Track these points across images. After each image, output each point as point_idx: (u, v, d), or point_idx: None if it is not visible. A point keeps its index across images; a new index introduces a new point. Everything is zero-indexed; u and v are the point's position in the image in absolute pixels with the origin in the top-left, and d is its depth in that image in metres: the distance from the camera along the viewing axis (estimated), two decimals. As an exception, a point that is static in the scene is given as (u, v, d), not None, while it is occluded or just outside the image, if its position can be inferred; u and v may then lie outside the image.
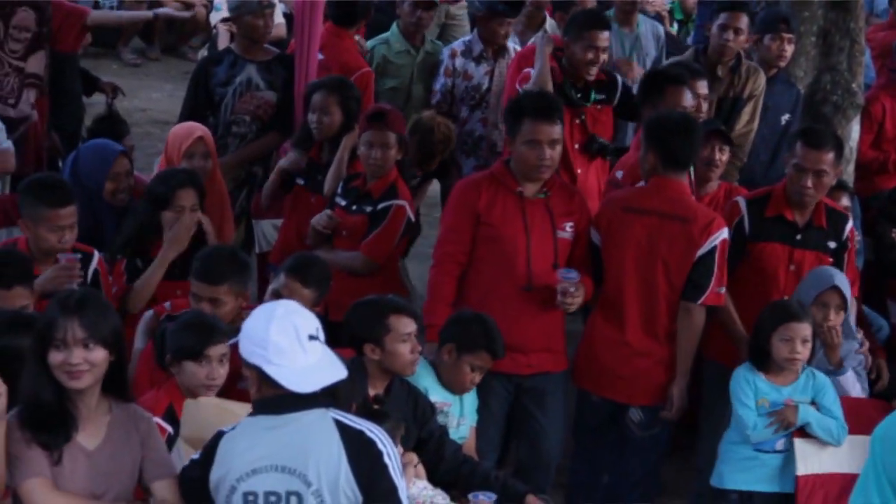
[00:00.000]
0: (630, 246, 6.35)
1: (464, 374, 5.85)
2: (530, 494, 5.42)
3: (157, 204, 6.42)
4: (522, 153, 6.26)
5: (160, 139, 11.34)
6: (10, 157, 7.26)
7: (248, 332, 4.09)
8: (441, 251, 6.35)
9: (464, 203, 6.33)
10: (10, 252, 5.85)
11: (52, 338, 4.08)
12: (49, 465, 4.09)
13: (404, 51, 8.80)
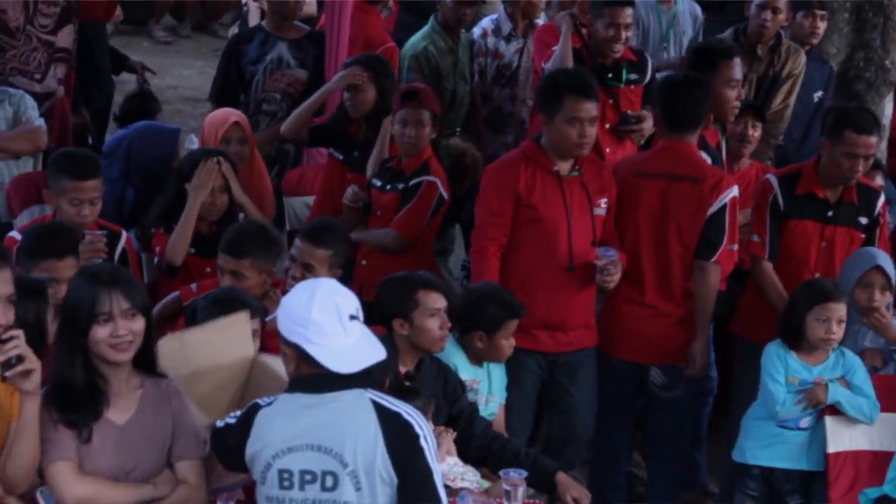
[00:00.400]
0: (642, 210, 6.46)
1: (501, 348, 5.87)
2: (560, 472, 5.41)
3: (184, 180, 6.44)
4: (563, 131, 6.24)
5: (191, 116, 11.39)
6: (42, 135, 7.28)
7: (288, 311, 4.04)
8: (483, 237, 6.31)
9: (503, 185, 6.29)
10: (58, 223, 5.88)
11: (96, 313, 4.06)
12: (76, 446, 4.09)
13: (447, 49, 8.39)
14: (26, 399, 3.92)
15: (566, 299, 6.32)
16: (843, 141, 6.38)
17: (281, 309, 4.07)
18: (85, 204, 5.99)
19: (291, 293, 4.10)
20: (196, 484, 4.29)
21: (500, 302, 5.89)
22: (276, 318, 4.10)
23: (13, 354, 3.85)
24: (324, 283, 4.13)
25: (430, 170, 6.89)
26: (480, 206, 6.39)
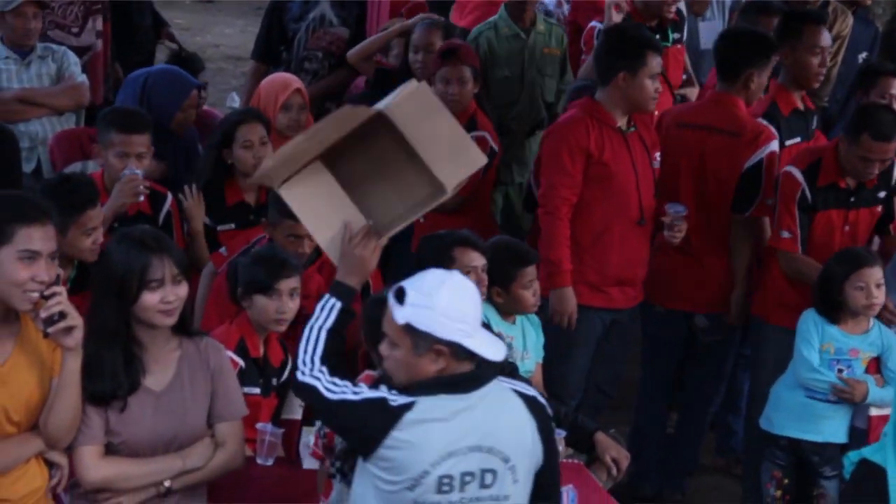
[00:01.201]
0: (684, 161, 6.57)
1: (521, 298, 5.84)
2: (600, 432, 5.41)
3: (221, 146, 6.43)
4: (645, 87, 6.30)
5: (233, 75, 11.42)
6: (84, 91, 7.29)
7: (443, 310, 3.78)
8: (555, 196, 6.31)
9: (574, 145, 6.30)
10: (74, 175, 5.89)
11: (148, 280, 4.05)
12: (103, 426, 4.08)
13: (513, 35, 8.03)
14: (68, 355, 3.93)
15: (637, 254, 6.46)
16: (860, 145, 6.24)
17: (429, 311, 3.79)
18: (132, 158, 5.99)
19: (434, 291, 3.80)
20: (235, 447, 4.29)
21: (508, 252, 5.84)
22: (420, 321, 3.79)
23: (55, 311, 3.86)
24: (452, 274, 3.95)
25: (478, 124, 6.88)
26: (550, 167, 6.37)
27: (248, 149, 6.34)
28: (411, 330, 3.79)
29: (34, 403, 3.98)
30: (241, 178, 6.40)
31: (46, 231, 3.90)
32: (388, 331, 3.85)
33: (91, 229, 5.41)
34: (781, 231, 6.33)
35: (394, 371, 3.87)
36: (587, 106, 6.41)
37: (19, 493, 4.01)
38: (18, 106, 7.09)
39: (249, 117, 6.44)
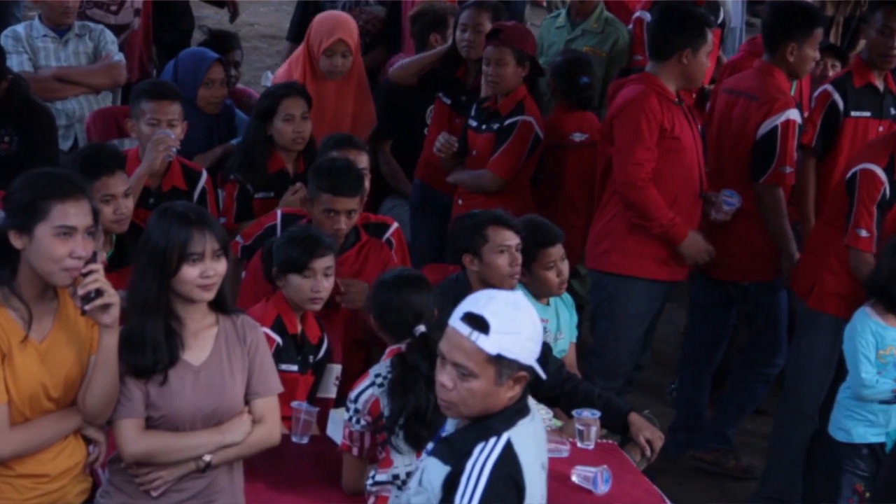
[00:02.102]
0: (713, 123, 6.76)
1: (545, 279, 5.83)
2: (633, 412, 5.40)
3: (264, 117, 6.45)
4: (703, 63, 6.44)
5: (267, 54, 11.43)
6: (121, 70, 7.31)
7: (529, 334, 3.57)
8: (641, 170, 6.33)
9: (652, 118, 6.36)
10: (99, 144, 5.90)
11: (188, 253, 4.06)
12: (143, 399, 4.09)
13: (562, 26, 8.08)
14: (105, 332, 3.95)
15: (694, 225, 6.54)
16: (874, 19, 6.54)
17: (516, 337, 3.55)
18: (163, 125, 6.01)
19: (512, 316, 3.57)
20: (272, 422, 4.29)
21: (531, 231, 5.81)
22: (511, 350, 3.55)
23: (92, 288, 3.87)
24: (518, 294, 3.74)
25: (525, 109, 6.85)
26: (632, 141, 6.37)
27: (289, 122, 6.39)
28: (499, 359, 3.55)
29: (72, 380, 4.00)
30: (281, 150, 6.43)
31: (82, 206, 3.91)
32: (464, 361, 3.54)
33: (109, 196, 5.39)
34: (859, 229, 6.12)
35: (464, 402, 3.57)
36: (649, 80, 6.45)
37: (58, 468, 4.04)
38: (56, 84, 7.12)
39: (293, 92, 6.47)
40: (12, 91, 6.39)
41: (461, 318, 3.55)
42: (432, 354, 4.40)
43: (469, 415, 3.59)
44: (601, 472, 4.96)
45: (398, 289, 4.79)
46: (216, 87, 6.87)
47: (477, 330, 3.52)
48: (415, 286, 4.81)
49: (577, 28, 7.92)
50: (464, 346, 3.53)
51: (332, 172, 5.74)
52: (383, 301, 4.82)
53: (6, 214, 3.92)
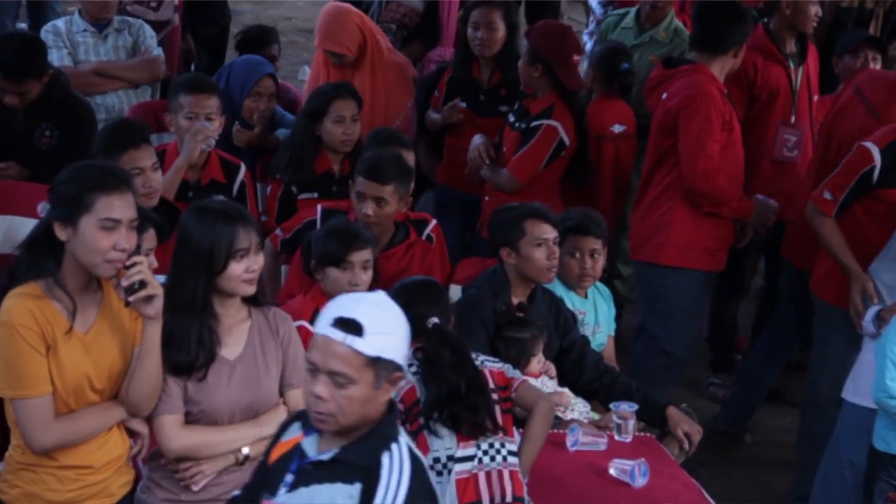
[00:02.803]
0: (832, 112, 6.78)
1: (568, 266, 5.83)
2: (671, 406, 5.41)
3: (314, 117, 6.45)
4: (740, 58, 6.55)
5: (305, 48, 11.45)
6: (160, 64, 7.34)
7: (403, 333, 3.49)
8: (713, 162, 6.37)
9: (717, 111, 6.39)
10: (125, 119, 5.93)
11: (235, 250, 4.08)
12: (182, 395, 4.12)
13: (628, 29, 7.79)
14: (148, 324, 3.97)
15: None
16: None
17: (393, 337, 3.44)
18: (200, 118, 6.04)
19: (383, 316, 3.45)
20: None
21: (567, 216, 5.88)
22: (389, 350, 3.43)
23: (136, 280, 3.89)
24: (380, 294, 3.58)
25: (554, 113, 6.75)
26: (703, 134, 6.38)
27: (340, 123, 6.39)
28: (377, 362, 3.39)
29: (116, 371, 4.03)
30: (329, 150, 6.44)
31: (126, 199, 3.93)
32: (341, 367, 3.36)
33: (138, 169, 5.38)
34: (827, 191, 6.06)
35: (343, 411, 3.39)
36: (705, 73, 6.45)
37: (101, 460, 4.06)
38: (95, 79, 7.15)
39: (344, 93, 6.48)
40: (53, 86, 6.42)
41: (332, 325, 3.37)
42: (450, 342, 4.59)
43: (347, 424, 3.41)
44: (639, 465, 4.96)
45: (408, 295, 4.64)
46: (263, 100, 6.85)
47: (351, 333, 3.35)
48: (424, 291, 4.80)
49: (645, 34, 7.68)
50: (339, 353, 3.35)
51: (371, 158, 5.77)
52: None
53: (52, 206, 3.95)
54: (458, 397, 4.54)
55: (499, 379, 4.70)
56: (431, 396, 4.55)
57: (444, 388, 4.54)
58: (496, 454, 4.58)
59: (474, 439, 4.57)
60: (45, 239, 3.94)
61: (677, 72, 6.55)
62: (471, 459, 4.55)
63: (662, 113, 6.54)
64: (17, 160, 6.39)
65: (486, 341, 5.27)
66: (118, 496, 4.16)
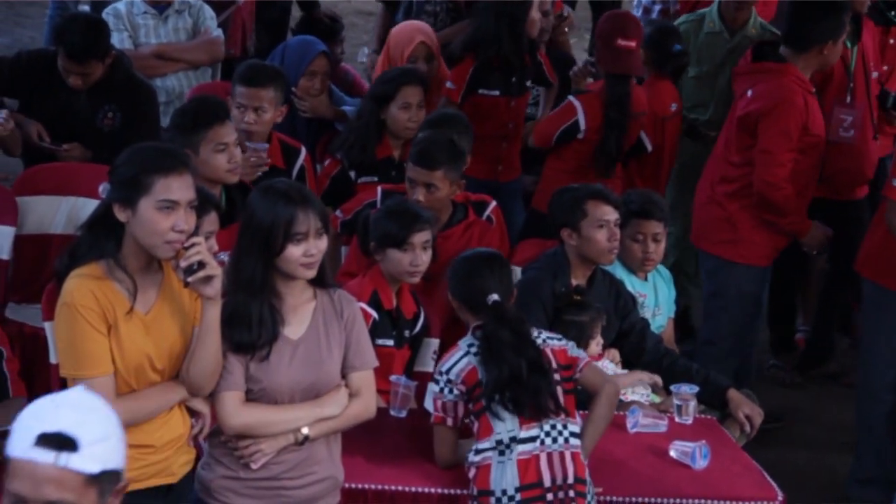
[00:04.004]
0: None
1: (630, 250, 5.81)
2: (732, 388, 5.38)
3: (380, 102, 6.45)
4: (839, 50, 6.53)
5: (364, 30, 11.46)
6: (220, 46, 7.36)
7: (112, 433, 2.82)
8: (783, 172, 6.40)
9: (799, 119, 6.40)
10: (204, 95, 5.97)
11: (293, 233, 4.07)
12: (243, 373, 4.12)
13: (715, 32, 7.55)
14: (207, 304, 3.97)
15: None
16: None
17: (113, 441, 2.81)
18: (248, 110, 6.03)
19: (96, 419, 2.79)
20: (369, 396, 4.30)
21: (631, 199, 5.86)
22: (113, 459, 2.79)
23: (195, 260, 3.89)
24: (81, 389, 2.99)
25: (583, 95, 6.83)
26: (779, 142, 6.40)
27: (406, 110, 6.40)
28: (101, 476, 2.74)
29: (177, 352, 4.05)
30: (391, 136, 6.44)
31: (184, 180, 3.94)
32: (59, 494, 2.67)
33: (223, 145, 5.43)
34: (893, 179, 6.04)
35: None
36: (792, 74, 6.43)
37: (163, 439, 4.08)
38: (156, 61, 7.18)
39: (413, 79, 6.48)
40: (115, 67, 6.46)
41: (34, 444, 2.68)
42: (510, 321, 4.61)
43: None
44: (700, 447, 4.94)
45: (470, 266, 4.82)
46: (318, 79, 6.86)
47: (64, 450, 2.68)
48: (486, 264, 4.83)
49: (738, 35, 7.50)
50: (52, 477, 2.67)
51: (421, 143, 5.78)
52: (457, 279, 4.86)
53: (111, 188, 3.97)
54: (518, 380, 4.54)
55: (561, 357, 4.69)
56: (492, 379, 4.55)
57: (505, 370, 4.54)
58: (558, 436, 4.58)
59: (536, 421, 4.56)
60: (105, 220, 3.96)
61: (765, 69, 6.52)
62: (533, 440, 4.55)
63: (744, 111, 6.53)
64: (80, 142, 6.44)
65: (546, 323, 5.25)
66: (179, 475, 4.18)
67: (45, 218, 6.11)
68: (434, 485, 4.71)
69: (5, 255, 5.96)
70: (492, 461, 4.54)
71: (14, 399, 4.79)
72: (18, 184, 6.25)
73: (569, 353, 4.71)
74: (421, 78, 6.56)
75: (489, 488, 4.54)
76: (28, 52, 6.77)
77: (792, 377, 7.60)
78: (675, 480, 4.85)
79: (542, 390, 4.56)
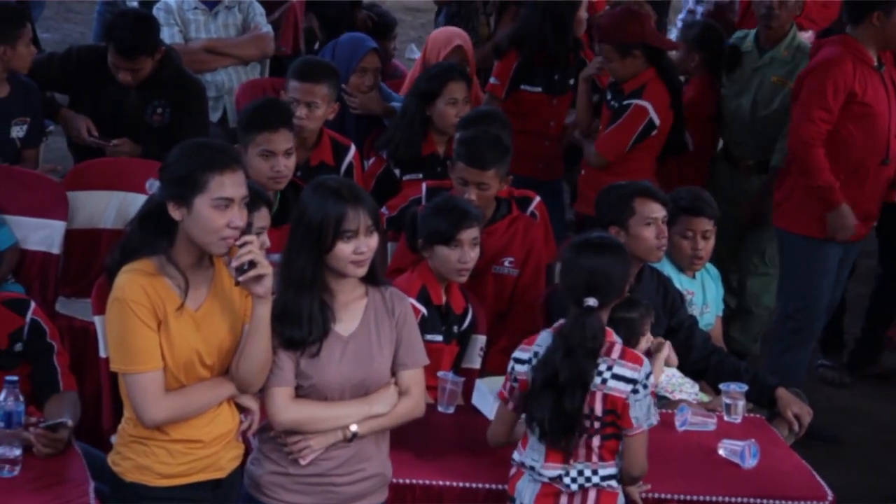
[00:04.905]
0: None
1: (679, 247, 5.77)
2: (781, 387, 5.35)
3: (425, 98, 6.46)
4: (889, 25, 6.44)
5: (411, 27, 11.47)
6: (269, 41, 7.38)
7: None
8: (813, 128, 6.41)
9: (841, 82, 6.40)
10: (272, 99, 5.98)
11: (343, 230, 4.06)
12: (294, 369, 4.12)
13: (749, 52, 7.30)
14: (258, 303, 3.98)
15: (877, 192, 6.63)
16: None
17: None
18: (301, 105, 6.04)
19: None
20: (418, 394, 4.29)
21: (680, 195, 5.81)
22: None
23: (246, 259, 3.90)
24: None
25: (645, 93, 6.74)
26: (812, 101, 6.42)
27: (452, 105, 6.41)
28: None
29: (226, 348, 4.06)
30: (436, 132, 6.44)
31: (237, 177, 3.95)
32: None
33: (267, 152, 5.45)
34: None
35: None
36: (848, 43, 6.44)
37: (211, 434, 4.09)
38: (206, 56, 7.22)
39: (457, 75, 6.50)
40: (165, 63, 6.50)
41: None
42: (591, 334, 4.38)
43: None
44: (749, 445, 4.91)
45: (580, 252, 4.55)
46: (369, 75, 6.87)
47: None
48: (598, 252, 4.54)
49: (766, 55, 7.20)
50: None
51: (469, 143, 5.75)
52: (566, 262, 4.60)
53: (164, 186, 3.97)
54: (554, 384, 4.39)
55: (616, 405, 4.40)
56: (538, 381, 4.45)
57: (548, 371, 4.40)
58: (586, 482, 4.43)
59: (562, 461, 4.42)
60: (157, 217, 3.97)
61: (826, 41, 6.60)
62: (555, 480, 4.44)
63: (795, 82, 6.65)
64: (130, 137, 6.48)
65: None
66: (227, 470, 4.19)
67: (95, 213, 6.16)
68: (481, 481, 4.70)
69: (56, 250, 6.01)
70: (525, 472, 4.50)
71: (65, 393, 4.82)
72: (69, 179, 6.30)
73: (628, 406, 4.39)
74: (465, 74, 6.57)
75: (513, 496, 4.52)
76: (78, 48, 6.82)
77: (841, 376, 7.56)
78: (724, 479, 4.83)
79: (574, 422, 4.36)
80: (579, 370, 4.35)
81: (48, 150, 6.96)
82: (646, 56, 6.77)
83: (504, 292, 5.79)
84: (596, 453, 4.42)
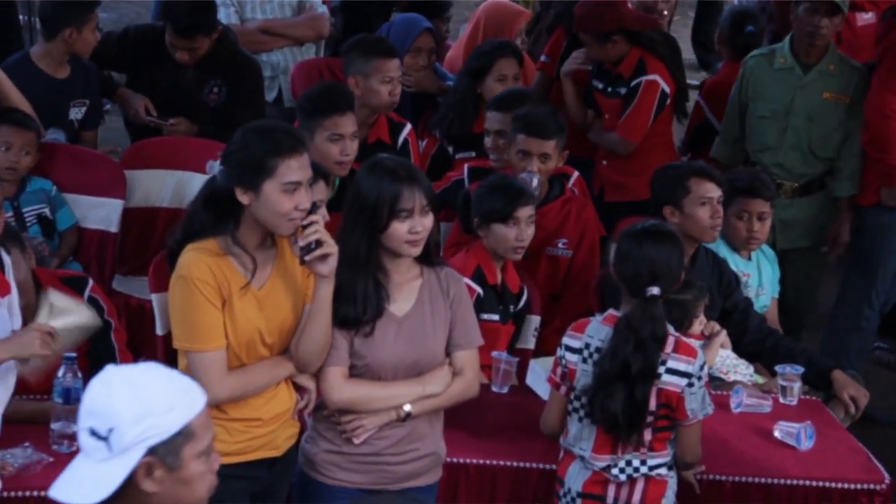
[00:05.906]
0: None
1: (735, 228, 5.75)
2: (837, 369, 5.32)
3: (476, 75, 6.45)
4: None
5: (466, 6, 11.42)
6: (324, 22, 7.39)
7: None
8: (893, 101, 6.38)
9: None
10: (334, 83, 5.99)
11: (398, 210, 4.06)
12: (348, 348, 4.13)
13: (786, 69, 6.67)
14: (321, 282, 4.00)
15: None
16: None
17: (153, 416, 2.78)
18: (395, 82, 6.04)
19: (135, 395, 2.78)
20: (472, 375, 4.30)
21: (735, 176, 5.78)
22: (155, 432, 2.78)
23: (312, 239, 3.93)
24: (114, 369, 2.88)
25: (648, 68, 6.67)
26: (891, 71, 6.41)
27: (502, 82, 6.40)
28: (153, 452, 2.77)
29: (287, 327, 4.08)
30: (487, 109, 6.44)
31: (303, 160, 3.96)
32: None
33: (338, 136, 5.47)
34: None
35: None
36: None
37: (269, 413, 4.12)
38: (261, 36, 7.23)
39: (508, 51, 6.49)
40: (222, 43, 6.52)
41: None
42: (656, 321, 4.38)
43: None
44: (805, 427, 4.89)
45: (640, 241, 4.51)
46: (423, 55, 6.87)
47: (99, 439, 2.76)
48: (658, 240, 4.53)
49: (812, 71, 6.64)
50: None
51: (529, 116, 5.74)
52: (624, 252, 4.54)
53: (230, 171, 3.97)
54: (626, 376, 4.37)
55: (672, 399, 4.41)
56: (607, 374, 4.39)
57: (617, 363, 4.37)
58: (634, 472, 4.44)
59: (611, 452, 4.43)
60: (221, 199, 3.99)
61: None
62: (604, 470, 4.45)
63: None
64: (186, 116, 6.51)
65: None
66: (284, 448, 4.22)
67: (153, 191, 6.20)
68: (534, 460, 4.72)
69: (114, 228, 6.06)
70: (575, 457, 4.51)
71: (122, 370, 4.85)
72: (126, 157, 6.35)
73: (684, 400, 4.39)
74: (516, 50, 6.55)
75: (563, 478, 4.53)
76: (136, 28, 6.86)
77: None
78: (779, 461, 4.81)
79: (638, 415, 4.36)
80: (651, 362, 4.36)
81: (105, 129, 6.99)
82: (626, 38, 6.70)
83: (558, 273, 5.78)
84: (647, 445, 4.42)
